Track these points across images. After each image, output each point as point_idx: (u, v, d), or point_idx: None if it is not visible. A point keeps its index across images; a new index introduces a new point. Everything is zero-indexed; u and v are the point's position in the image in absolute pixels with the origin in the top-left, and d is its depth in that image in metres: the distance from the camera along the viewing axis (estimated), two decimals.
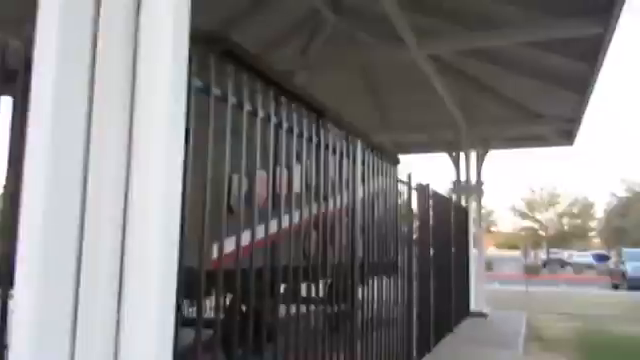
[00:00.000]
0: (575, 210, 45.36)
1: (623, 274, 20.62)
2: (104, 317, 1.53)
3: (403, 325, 5.53)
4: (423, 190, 6.61)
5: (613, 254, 29.04)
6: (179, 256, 1.82)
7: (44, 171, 1.51)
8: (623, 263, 20.84)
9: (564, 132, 12.23)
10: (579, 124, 11.21)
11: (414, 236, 6.29)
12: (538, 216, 45.31)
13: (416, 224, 6.36)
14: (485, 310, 10.57)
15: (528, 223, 46.12)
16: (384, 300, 4.85)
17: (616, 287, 20.94)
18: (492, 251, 61.86)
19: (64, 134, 1.54)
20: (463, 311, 9.74)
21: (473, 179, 11.35)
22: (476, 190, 11.24)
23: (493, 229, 57.74)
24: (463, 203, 11.05)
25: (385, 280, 4.92)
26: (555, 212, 45.32)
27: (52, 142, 1.50)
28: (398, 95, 11.97)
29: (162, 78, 1.61)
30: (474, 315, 10.28)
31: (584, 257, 38.62)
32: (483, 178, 11.45)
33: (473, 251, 10.89)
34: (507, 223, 53.82)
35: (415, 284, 6.14)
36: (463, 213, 10.31)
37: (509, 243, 65.97)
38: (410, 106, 12.09)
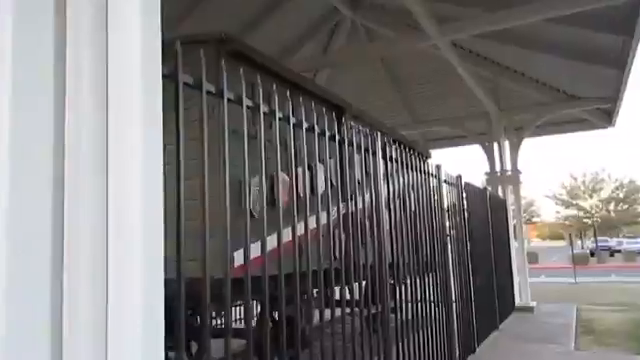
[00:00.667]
0: (621, 195, 43.23)
1: None
2: (89, 322, 1.41)
3: (443, 326, 5.25)
4: (455, 182, 6.31)
5: None
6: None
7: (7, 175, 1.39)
8: None
9: (603, 113, 11.64)
10: (619, 103, 10.63)
11: (449, 231, 5.99)
12: (582, 203, 43.35)
13: (450, 219, 6.07)
14: (531, 304, 10.10)
15: (572, 211, 44.18)
16: (420, 300, 4.60)
17: None
18: (536, 243, 60.21)
19: (28, 134, 1.42)
20: (508, 306, 9.32)
21: (509, 169, 10.88)
22: (512, 180, 10.77)
23: (535, 220, 55.94)
24: (500, 195, 10.61)
25: (420, 280, 4.67)
26: (599, 198, 43.31)
27: (13, 144, 1.38)
28: (425, 88, 11.69)
29: (131, 72, 1.48)
30: (520, 310, 9.84)
31: (635, 243, 37.12)
32: (520, 167, 10.96)
33: (514, 243, 10.43)
34: (550, 213, 52.06)
35: (453, 282, 5.85)
36: (501, 205, 9.89)
37: (553, 233, 63.92)
38: (438, 98, 11.79)
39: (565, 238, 56.95)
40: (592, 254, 32.10)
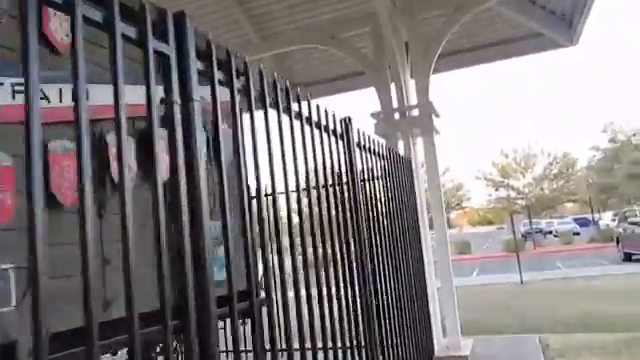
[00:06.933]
0: (555, 170, 40.25)
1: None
2: None
3: None
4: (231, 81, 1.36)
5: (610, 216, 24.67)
6: None
7: None
8: (638, 224, 15.57)
9: (561, 20, 7.34)
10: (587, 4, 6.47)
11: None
12: (514, 183, 39.97)
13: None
14: (462, 350, 5.43)
15: (504, 193, 40.74)
16: None
17: (629, 258, 15.94)
18: (467, 230, 57.76)
19: None
20: None
21: (414, 104, 6.15)
22: (422, 121, 5.99)
23: (465, 205, 52.97)
24: (401, 151, 5.88)
25: None
26: (533, 176, 40.13)
27: None
28: None
29: None
30: None
31: (567, 224, 35.27)
32: (434, 102, 6.24)
33: (428, 238, 5.71)
34: (481, 197, 49.10)
35: None
36: (401, 165, 5.10)
37: (484, 219, 61.73)
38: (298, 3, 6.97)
39: (495, 223, 54.60)
40: (525, 238, 29.18)
